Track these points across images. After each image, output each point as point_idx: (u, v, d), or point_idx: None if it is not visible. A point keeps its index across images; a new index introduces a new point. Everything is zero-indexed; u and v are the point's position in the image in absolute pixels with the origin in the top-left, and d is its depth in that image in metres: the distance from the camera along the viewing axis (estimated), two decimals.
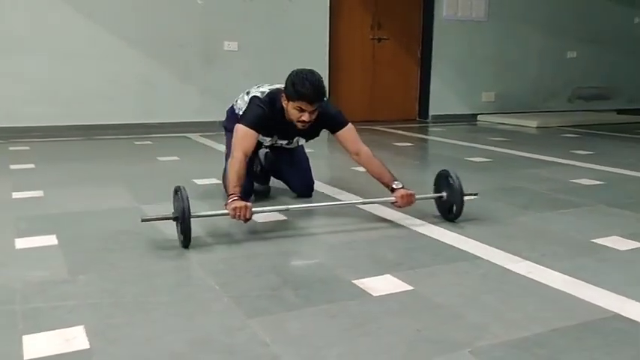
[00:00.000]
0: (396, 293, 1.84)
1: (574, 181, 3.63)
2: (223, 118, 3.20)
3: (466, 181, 2.63)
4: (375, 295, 1.82)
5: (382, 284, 1.90)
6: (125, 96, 6.07)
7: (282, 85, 2.66)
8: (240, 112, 2.84)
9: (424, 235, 2.46)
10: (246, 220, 2.30)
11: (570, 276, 1.98)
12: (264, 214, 2.60)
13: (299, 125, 2.62)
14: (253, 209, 2.34)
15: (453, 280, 1.96)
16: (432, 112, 7.55)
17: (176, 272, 2.04)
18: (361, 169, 2.86)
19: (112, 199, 3.09)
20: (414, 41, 7.48)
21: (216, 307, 1.73)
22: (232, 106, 3.07)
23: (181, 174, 3.80)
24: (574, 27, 8.36)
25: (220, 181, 3.35)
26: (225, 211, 2.30)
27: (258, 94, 2.72)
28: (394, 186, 2.61)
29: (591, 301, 1.78)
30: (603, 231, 2.52)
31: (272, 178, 3.27)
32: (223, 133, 3.19)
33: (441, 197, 2.65)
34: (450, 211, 2.62)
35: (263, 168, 3.21)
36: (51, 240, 2.34)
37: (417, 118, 7.68)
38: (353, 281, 1.92)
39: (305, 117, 2.56)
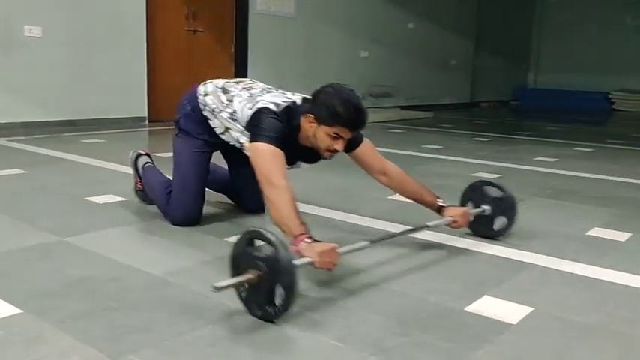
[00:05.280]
0: (527, 317, 1.63)
1: (475, 175, 3.77)
2: (31, 118, 2.48)
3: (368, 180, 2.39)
4: (514, 323, 1.59)
5: (498, 308, 1.67)
6: None
7: (297, 98, 2.17)
8: (214, 113, 2.28)
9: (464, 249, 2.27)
10: (334, 266, 1.72)
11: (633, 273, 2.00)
12: None
13: (326, 155, 2.09)
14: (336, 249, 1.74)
15: (558, 292, 1.82)
16: None
17: (264, 342, 1.52)
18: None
19: (5, 234, 2.24)
20: (229, 35, 7.10)
21: None
22: (191, 99, 2.40)
23: (62, 191, 2.98)
24: (366, 28, 8.83)
25: (135, 197, 2.70)
26: (308, 259, 1.66)
27: (270, 106, 2.08)
28: (441, 204, 2.26)
29: None
30: (579, 224, 2.62)
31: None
32: (68, 134, 2.49)
33: (483, 212, 2.32)
34: (490, 227, 2.32)
35: None
36: (6, 308, 1.58)
37: None
38: (466, 309, 1.66)
39: (339, 146, 2.02)
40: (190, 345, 1.41)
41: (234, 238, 2.23)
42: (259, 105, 2.09)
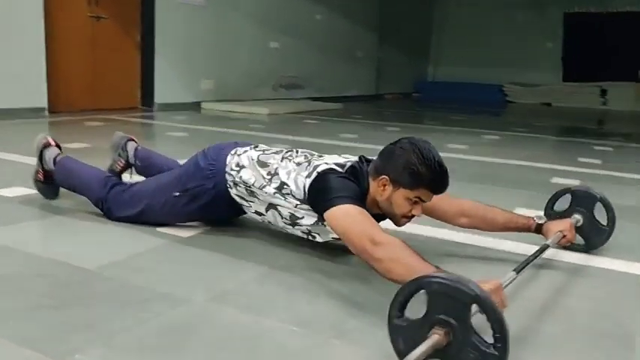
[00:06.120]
0: None
1: None
2: None
3: None
4: None
5: None
6: None
7: (356, 158, 1.86)
8: (251, 189, 1.92)
9: None
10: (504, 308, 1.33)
11: None
12: None
13: (402, 222, 1.78)
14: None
15: (498, 270, 1.88)
16: (157, 99, 7.02)
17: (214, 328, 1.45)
18: None
19: None
20: (134, 23, 6.81)
21: None
22: (217, 173, 2.01)
23: None
24: (276, 19, 8.77)
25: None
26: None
27: (334, 167, 1.77)
28: (539, 221, 2.01)
29: None
30: (504, 205, 2.69)
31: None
32: None
33: (576, 222, 2.10)
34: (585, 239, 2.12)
35: (130, 165, 2.47)
36: None
37: (141, 106, 7.04)
38: None
39: (418, 211, 1.73)
40: (141, 339, 1.32)
41: (164, 229, 2.14)
42: (321, 168, 1.77)
